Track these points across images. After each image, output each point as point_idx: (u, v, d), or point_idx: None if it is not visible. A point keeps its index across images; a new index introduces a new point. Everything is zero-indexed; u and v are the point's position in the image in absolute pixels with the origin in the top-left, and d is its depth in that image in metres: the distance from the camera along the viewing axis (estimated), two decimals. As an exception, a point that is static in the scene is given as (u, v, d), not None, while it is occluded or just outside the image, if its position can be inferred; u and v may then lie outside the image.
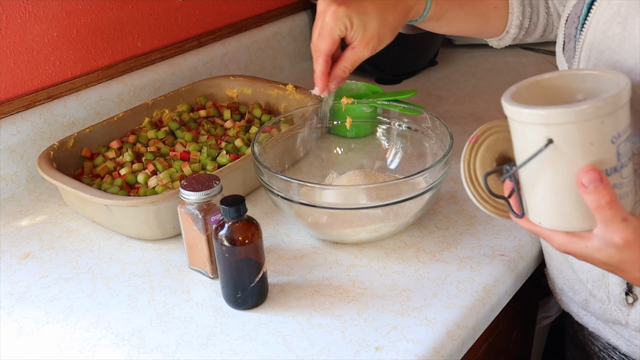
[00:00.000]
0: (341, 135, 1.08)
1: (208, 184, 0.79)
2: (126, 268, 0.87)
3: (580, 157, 0.56)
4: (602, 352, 0.87)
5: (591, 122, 0.54)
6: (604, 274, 0.75)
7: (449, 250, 0.87)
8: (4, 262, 0.89)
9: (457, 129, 1.17)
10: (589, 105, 0.54)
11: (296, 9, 1.50)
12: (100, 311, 0.79)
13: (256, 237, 0.75)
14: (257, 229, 0.75)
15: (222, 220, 0.74)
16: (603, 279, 0.76)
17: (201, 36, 1.32)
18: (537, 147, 0.56)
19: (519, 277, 0.84)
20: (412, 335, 0.73)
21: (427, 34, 1.35)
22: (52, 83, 1.10)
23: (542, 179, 0.58)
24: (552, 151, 0.56)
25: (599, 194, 0.55)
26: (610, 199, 0.56)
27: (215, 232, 0.74)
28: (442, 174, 0.85)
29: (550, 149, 0.56)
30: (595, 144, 0.55)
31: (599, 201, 0.56)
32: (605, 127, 0.55)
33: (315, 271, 0.84)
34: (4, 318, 0.79)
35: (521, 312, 1.01)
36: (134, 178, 0.97)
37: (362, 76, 1.42)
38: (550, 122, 0.55)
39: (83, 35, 1.12)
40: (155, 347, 0.73)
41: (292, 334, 0.74)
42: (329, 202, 0.84)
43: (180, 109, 1.15)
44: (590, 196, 0.56)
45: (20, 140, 1.05)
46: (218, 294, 0.81)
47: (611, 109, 0.54)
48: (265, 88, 1.17)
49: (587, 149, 0.55)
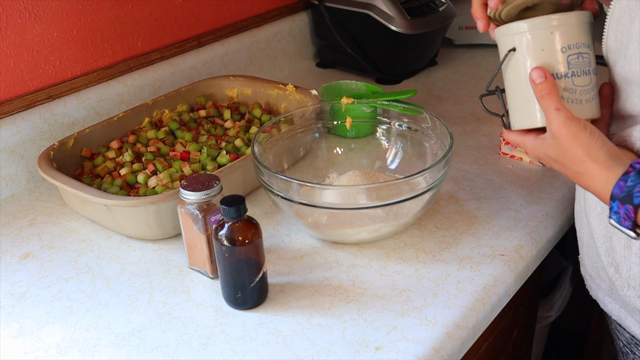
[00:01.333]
0: (341, 135, 1.08)
1: (208, 184, 0.79)
2: (126, 268, 0.87)
3: (534, 60, 0.70)
4: (625, 347, 0.87)
5: (542, 31, 0.69)
6: (626, 257, 0.76)
7: (449, 250, 0.87)
8: (4, 262, 0.89)
9: (457, 129, 1.17)
10: (541, 19, 0.69)
11: (296, 9, 1.50)
12: (100, 311, 0.79)
13: (256, 237, 0.75)
14: (257, 229, 0.75)
15: (222, 220, 0.74)
16: (625, 261, 0.76)
17: (201, 36, 1.32)
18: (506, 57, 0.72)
19: (519, 277, 0.84)
20: (412, 335, 0.73)
21: (427, 34, 1.35)
22: (52, 83, 1.10)
23: (511, 84, 0.73)
24: (514, 57, 0.71)
25: (542, 86, 0.68)
26: (549, 91, 0.68)
27: (215, 232, 0.74)
28: (442, 174, 0.85)
29: (513, 55, 0.71)
30: (546, 50, 0.69)
31: (541, 92, 0.68)
32: (554, 37, 0.69)
33: (315, 271, 0.84)
34: (4, 318, 0.79)
35: (521, 312, 1.02)
36: (134, 178, 0.97)
37: (362, 76, 1.42)
38: (514, 32, 0.70)
39: (83, 35, 1.12)
40: (155, 347, 0.73)
41: (292, 334, 0.74)
42: (329, 202, 0.84)
43: (180, 109, 1.15)
44: (536, 89, 0.69)
45: (20, 140, 1.05)
46: (218, 294, 0.81)
47: (559, 23, 0.68)
48: (265, 88, 1.17)
49: (539, 54, 0.69)
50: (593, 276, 0.86)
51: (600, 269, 0.82)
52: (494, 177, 1.03)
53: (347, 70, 1.47)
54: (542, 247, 0.89)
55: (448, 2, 1.41)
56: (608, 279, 0.81)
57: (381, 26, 1.33)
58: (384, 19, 1.33)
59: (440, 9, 1.38)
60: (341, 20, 1.41)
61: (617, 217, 0.66)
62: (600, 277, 0.83)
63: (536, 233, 0.89)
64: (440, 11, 1.38)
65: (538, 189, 0.99)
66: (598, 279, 0.84)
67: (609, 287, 0.82)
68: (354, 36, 1.41)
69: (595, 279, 0.86)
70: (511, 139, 0.76)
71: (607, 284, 0.82)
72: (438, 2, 1.39)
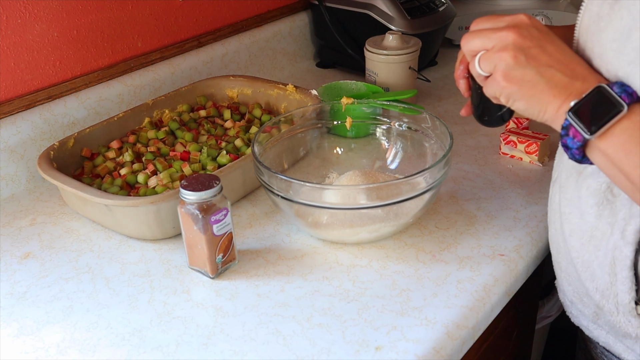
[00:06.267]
0: (341, 135, 1.08)
1: (208, 184, 0.79)
2: (126, 268, 0.87)
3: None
4: None
5: None
6: (612, 283, 0.72)
7: (449, 250, 0.87)
8: (4, 262, 0.89)
9: (457, 129, 1.17)
10: None
11: (296, 9, 1.50)
12: (100, 311, 0.79)
13: None
14: None
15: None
16: (611, 287, 0.72)
17: (201, 36, 1.32)
18: None
19: (519, 277, 0.84)
20: (412, 335, 0.73)
21: (427, 34, 1.35)
22: (52, 83, 1.10)
23: None
24: None
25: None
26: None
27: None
28: (442, 174, 0.85)
29: None
30: None
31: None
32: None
33: (315, 271, 0.84)
34: (4, 318, 0.79)
35: (521, 312, 1.02)
36: (134, 178, 0.97)
37: (362, 76, 1.42)
38: None
39: (83, 35, 1.12)
40: (155, 347, 0.74)
41: (292, 334, 0.74)
42: (329, 202, 0.84)
43: (181, 109, 1.15)
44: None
45: (20, 140, 1.05)
46: (218, 294, 0.81)
47: None
48: (265, 88, 1.17)
49: None
50: (575, 302, 0.82)
51: (583, 295, 0.78)
52: (494, 177, 1.03)
53: (347, 70, 1.47)
54: (542, 247, 0.89)
55: (448, 2, 1.41)
56: (594, 305, 0.77)
57: (381, 26, 1.33)
58: (384, 19, 1.33)
59: (440, 9, 1.38)
60: (341, 20, 1.41)
61: (623, 88, 0.60)
62: (584, 303, 0.79)
63: (536, 233, 0.89)
64: (440, 11, 1.38)
65: (538, 189, 0.99)
66: (581, 304, 0.80)
67: (595, 313, 0.78)
68: (354, 36, 1.41)
69: (577, 305, 0.82)
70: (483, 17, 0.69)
71: (592, 309, 0.78)
72: (438, 2, 1.39)
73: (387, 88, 1.26)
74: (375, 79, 1.26)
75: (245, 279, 0.83)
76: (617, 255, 0.69)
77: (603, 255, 0.71)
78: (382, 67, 1.24)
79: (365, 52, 1.27)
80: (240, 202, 0.99)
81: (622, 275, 0.70)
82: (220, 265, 0.83)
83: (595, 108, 0.60)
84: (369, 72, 1.28)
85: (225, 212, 0.80)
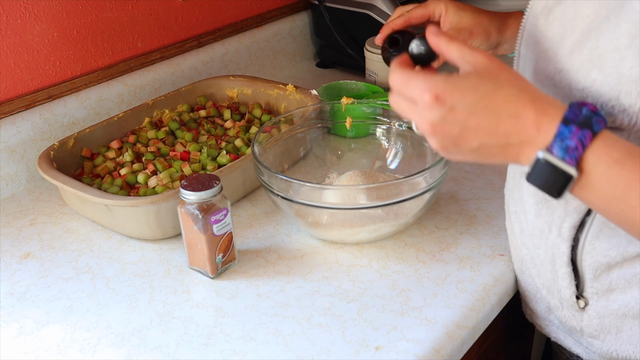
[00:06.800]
0: (341, 135, 1.08)
1: (208, 184, 0.79)
2: (126, 268, 0.87)
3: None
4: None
5: None
6: (554, 280, 0.74)
7: (449, 250, 0.87)
8: (4, 262, 0.89)
9: (457, 129, 1.17)
10: None
11: (296, 9, 1.50)
12: (100, 311, 0.79)
13: None
14: None
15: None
16: (554, 284, 0.74)
17: (201, 36, 1.32)
18: None
19: (519, 277, 0.84)
20: (412, 335, 0.73)
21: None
22: (52, 83, 1.10)
23: None
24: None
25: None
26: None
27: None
28: (442, 174, 0.85)
29: None
30: None
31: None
32: None
33: (315, 271, 0.84)
34: (4, 318, 0.79)
35: (521, 312, 1.01)
36: (134, 178, 0.97)
37: (362, 76, 1.42)
38: None
39: (83, 35, 1.12)
40: (155, 347, 0.74)
41: (292, 334, 0.74)
42: (329, 202, 0.84)
43: (180, 109, 1.15)
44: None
45: (20, 140, 1.05)
46: (218, 294, 0.81)
47: None
48: (265, 88, 1.17)
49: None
50: (528, 300, 0.84)
51: (535, 292, 0.81)
52: (494, 177, 1.03)
53: (347, 70, 1.47)
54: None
55: (448, 2, 1.41)
56: (544, 301, 0.80)
57: (381, 26, 1.33)
58: (384, 19, 1.33)
59: (440, 9, 1.38)
60: (341, 20, 1.41)
61: (563, 146, 0.55)
62: (536, 300, 0.82)
63: (536, 233, 0.89)
64: (440, 11, 1.38)
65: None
66: (533, 302, 0.83)
67: (546, 309, 0.81)
68: (354, 36, 1.41)
69: (529, 303, 0.84)
70: (395, 76, 0.61)
71: (543, 306, 0.81)
72: (438, 2, 1.39)
73: (387, 88, 1.26)
74: (375, 79, 1.27)
75: (245, 279, 0.83)
76: (556, 252, 0.72)
77: (544, 252, 0.74)
78: (382, 67, 1.24)
79: (365, 52, 1.27)
80: (240, 202, 0.99)
81: (562, 271, 0.72)
82: (220, 265, 0.83)
83: (547, 179, 0.57)
84: (369, 72, 1.28)
85: (225, 212, 0.80)
